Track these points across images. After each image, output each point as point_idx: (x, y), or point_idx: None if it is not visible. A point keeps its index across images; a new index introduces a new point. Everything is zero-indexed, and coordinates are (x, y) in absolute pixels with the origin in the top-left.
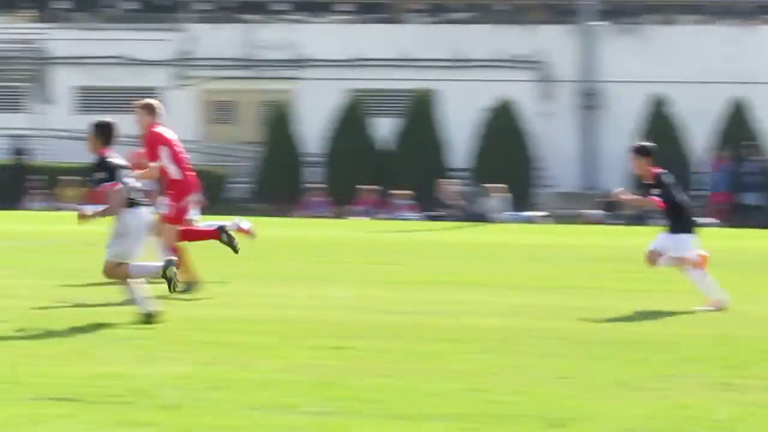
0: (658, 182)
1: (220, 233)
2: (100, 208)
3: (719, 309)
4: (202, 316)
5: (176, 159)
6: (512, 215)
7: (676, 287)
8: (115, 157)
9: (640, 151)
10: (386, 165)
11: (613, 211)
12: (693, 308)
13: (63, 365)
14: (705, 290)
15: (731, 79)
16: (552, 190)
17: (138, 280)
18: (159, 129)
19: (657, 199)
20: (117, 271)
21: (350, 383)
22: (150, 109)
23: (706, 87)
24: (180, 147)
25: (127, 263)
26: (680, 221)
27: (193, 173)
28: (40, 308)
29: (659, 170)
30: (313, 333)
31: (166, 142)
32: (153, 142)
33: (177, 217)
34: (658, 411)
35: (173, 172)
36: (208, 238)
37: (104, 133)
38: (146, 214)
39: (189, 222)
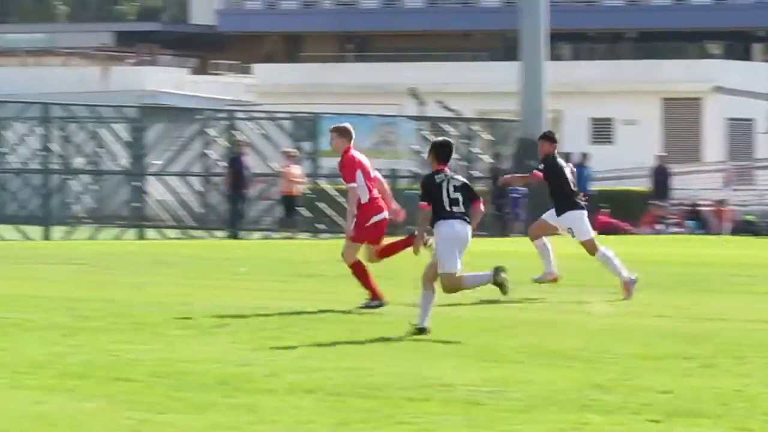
0: None
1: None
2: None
3: None
4: None
5: (368, 182)
6: None
7: None
8: (452, 174)
9: None
10: None
11: None
12: None
13: None
14: None
15: None
16: None
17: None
18: (353, 152)
19: None
20: (453, 282)
21: None
22: (342, 132)
23: None
24: (372, 171)
25: (462, 275)
26: None
27: (379, 197)
28: None
29: None
30: None
31: (361, 166)
32: (350, 165)
33: (359, 236)
34: None
35: (363, 195)
36: (403, 248)
37: (440, 152)
38: (461, 225)
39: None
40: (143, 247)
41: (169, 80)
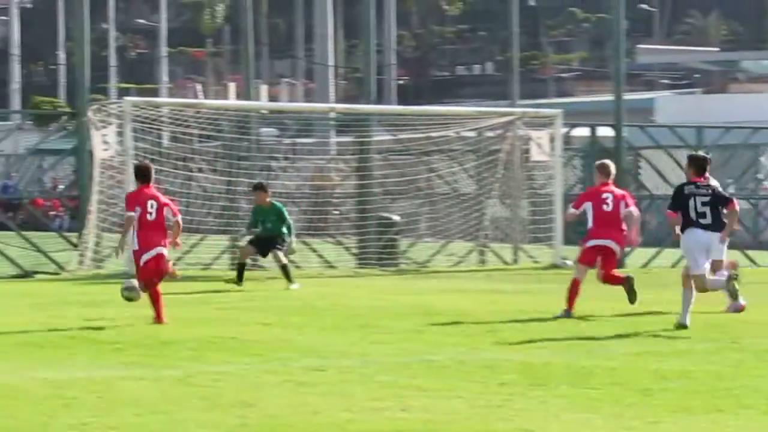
0: None
1: (626, 281)
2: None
3: None
4: None
5: (595, 211)
6: None
7: None
8: (707, 185)
9: None
10: None
11: None
12: None
13: None
14: None
15: None
16: None
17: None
18: (600, 187)
19: None
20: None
21: None
22: (599, 169)
23: None
24: (606, 203)
25: (700, 275)
26: None
27: (606, 227)
28: None
29: None
30: None
31: (593, 198)
32: (581, 197)
33: (583, 257)
34: None
35: (589, 220)
36: (616, 284)
37: (697, 165)
38: (703, 235)
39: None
40: None
41: None
